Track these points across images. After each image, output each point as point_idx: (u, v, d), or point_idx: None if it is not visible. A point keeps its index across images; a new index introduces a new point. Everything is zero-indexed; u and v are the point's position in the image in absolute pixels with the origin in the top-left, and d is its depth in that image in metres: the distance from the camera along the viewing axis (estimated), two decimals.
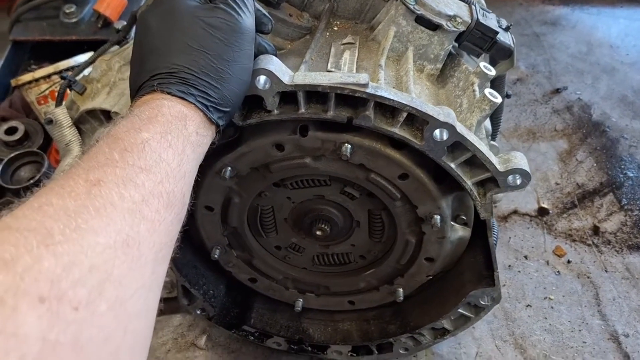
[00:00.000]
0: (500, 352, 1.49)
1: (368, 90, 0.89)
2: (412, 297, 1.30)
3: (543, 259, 1.67)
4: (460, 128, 0.92)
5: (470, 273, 1.18)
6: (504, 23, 1.16)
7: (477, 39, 1.11)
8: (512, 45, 1.14)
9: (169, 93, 0.77)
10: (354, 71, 1.04)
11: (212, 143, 0.85)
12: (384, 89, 0.90)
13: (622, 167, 1.88)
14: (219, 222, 1.18)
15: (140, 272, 0.61)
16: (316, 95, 0.93)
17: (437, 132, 0.92)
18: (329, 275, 1.30)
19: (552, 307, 1.58)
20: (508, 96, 1.50)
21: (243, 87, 0.86)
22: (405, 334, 1.29)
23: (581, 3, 2.58)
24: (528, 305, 1.58)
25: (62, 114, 1.34)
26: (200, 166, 0.84)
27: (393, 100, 0.89)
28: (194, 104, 0.78)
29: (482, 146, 0.95)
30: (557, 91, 2.13)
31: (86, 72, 1.39)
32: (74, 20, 2.04)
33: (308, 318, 1.41)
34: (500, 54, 1.14)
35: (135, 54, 0.85)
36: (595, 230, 1.73)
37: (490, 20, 1.12)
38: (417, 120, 0.94)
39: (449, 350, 1.49)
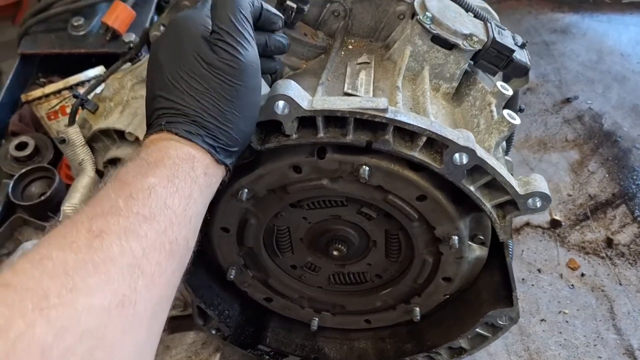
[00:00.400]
0: None
1: (387, 115, 0.88)
2: (429, 316, 1.28)
3: (557, 272, 1.66)
4: (480, 152, 0.91)
5: (488, 292, 1.17)
6: (519, 40, 1.15)
7: (493, 57, 1.10)
8: (528, 63, 1.13)
9: (176, 134, 0.76)
10: (371, 92, 1.03)
11: (222, 181, 0.84)
12: (403, 114, 0.89)
13: (635, 177, 1.86)
14: (235, 243, 1.17)
15: (134, 332, 0.61)
16: (335, 118, 0.92)
17: (456, 155, 0.91)
18: (345, 294, 1.29)
19: (566, 322, 1.56)
20: (521, 110, 1.49)
21: (251, 123, 0.85)
22: (421, 353, 1.28)
23: (591, 10, 2.57)
24: (542, 320, 1.57)
25: (74, 133, 1.34)
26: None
27: (413, 125, 0.88)
28: (201, 145, 0.78)
29: (502, 169, 0.94)
30: (568, 100, 2.12)
31: (98, 89, 1.38)
32: (82, 32, 2.04)
33: (324, 337, 1.40)
34: (516, 72, 1.13)
35: (147, 87, 0.84)
36: (609, 242, 1.72)
37: (506, 38, 1.11)
38: (436, 143, 0.93)
39: None
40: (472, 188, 0.96)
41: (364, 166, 0.98)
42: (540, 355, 1.50)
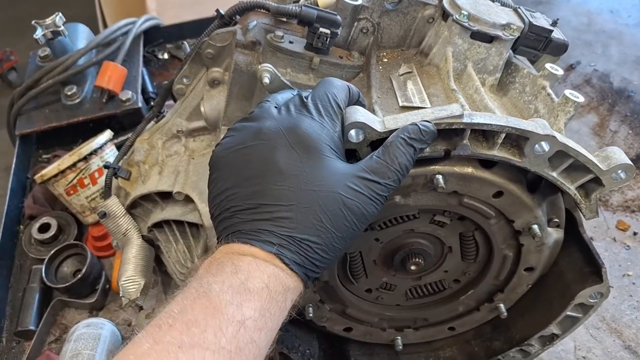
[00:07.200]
0: (597, 340, 1.47)
1: (465, 120, 0.86)
2: (510, 309, 1.26)
3: (608, 236, 1.66)
4: (560, 137, 0.90)
5: (572, 273, 1.16)
6: (549, 19, 1.15)
7: (531, 42, 1.10)
8: (566, 39, 1.12)
9: (286, 264, 0.74)
10: (427, 100, 1.01)
11: None
12: (479, 115, 0.88)
13: None
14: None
15: None
16: None
17: (537, 146, 0.89)
18: (425, 306, 1.27)
19: (633, 283, 1.56)
20: None
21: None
22: (513, 348, 1.26)
23: None
24: (609, 287, 1.55)
25: (114, 205, 1.30)
26: None
27: (492, 124, 0.87)
28: (302, 277, 0.77)
29: (582, 149, 0.93)
30: (572, 67, 2.13)
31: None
32: (76, 101, 2.00)
33: (407, 354, 1.36)
34: (556, 50, 1.13)
35: (245, 172, 0.79)
36: None
37: (540, 19, 1.11)
38: (511, 137, 0.91)
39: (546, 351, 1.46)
40: (554, 174, 0.95)
41: (437, 175, 0.96)
42: (617, 322, 1.49)
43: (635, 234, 1.65)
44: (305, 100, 0.83)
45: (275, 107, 0.84)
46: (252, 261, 0.73)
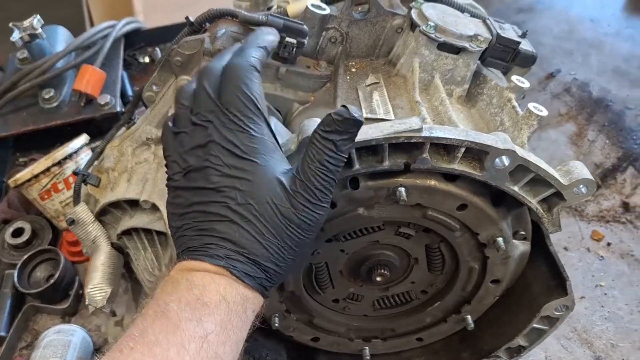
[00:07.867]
0: (568, 351, 1.47)
1: (424, 134, 0.86)
2: (477, 320, 1.26)
3: (583, 246, 1.66)
4: (520, 151, 0.90)
5: (538, 285, 1.16)
6: (519, 31, 1.15)
7: (500, 53, 1.10)
8: (534, 51, 1.12)
9: (237, 276, 0.73)
10: (391, 112, 1.01)
11: None
12: (438, 129, 0.87)
13: (635, 137, 1.88)
14: (275, 290, 1.14)
15: None
16: (367, 147, 0.90)
17: (497, 160, 0.89)
18: (392, 317, 1.26)
19: (605, 294, 1.56)
20: None
21: (302, 260, 0.85)
22: (481, 359, 1.26)
23: None
24: (582, 297, 1.56)
25: (83, 212, 1.29)
26: None
27: (451, 138, 0.86)
28: (256, 288, 0.76)
29: (543, 163, 0.93)
30: (552, 75, 2.13)
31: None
32: (54, 104, 1.98)
33: None
34: (524, 62, 1.13)
35: (186, 185, 0.79)
36: (625, 206, 1.73)
37: (508, 31, 1.11)
38: (472, 151, 0.91)
39: None
40: (515, 188, 0.95)
41: (399, 188, 0.95)
42: (589, 332, 1.49)
43: (609, 244, 1.65)
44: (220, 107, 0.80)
45: None
46: (206, 275, 0.73)
